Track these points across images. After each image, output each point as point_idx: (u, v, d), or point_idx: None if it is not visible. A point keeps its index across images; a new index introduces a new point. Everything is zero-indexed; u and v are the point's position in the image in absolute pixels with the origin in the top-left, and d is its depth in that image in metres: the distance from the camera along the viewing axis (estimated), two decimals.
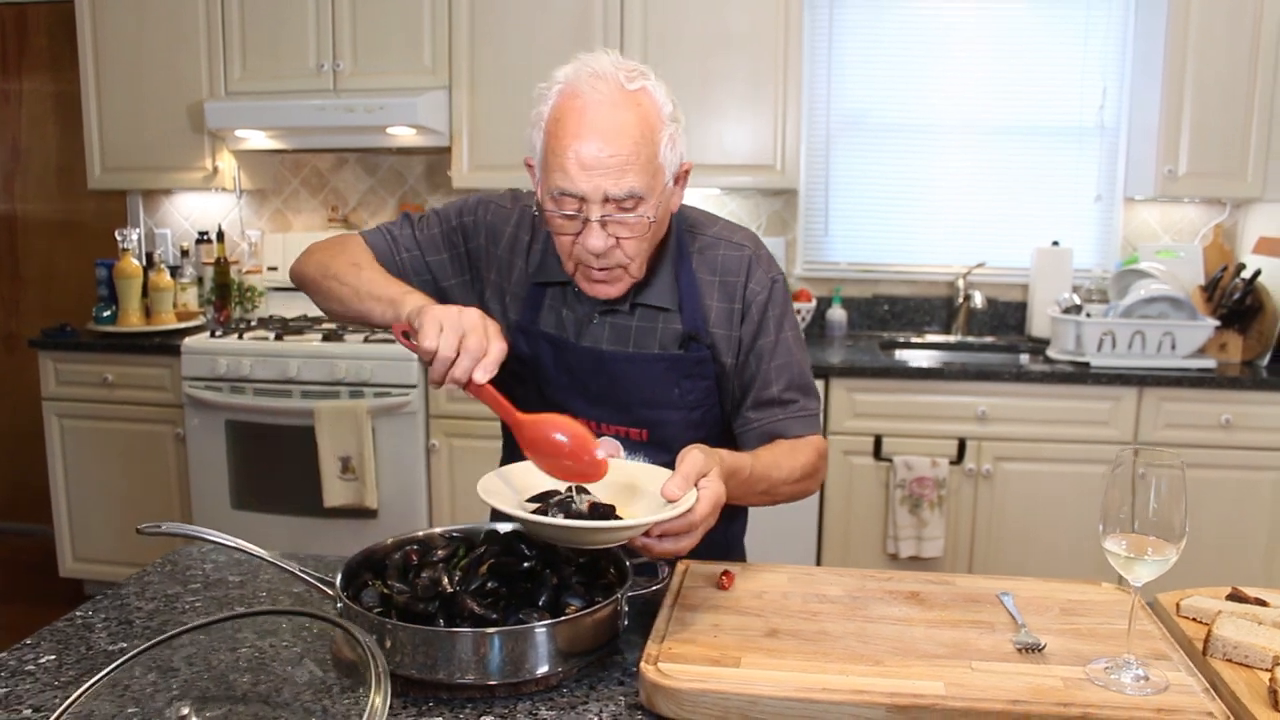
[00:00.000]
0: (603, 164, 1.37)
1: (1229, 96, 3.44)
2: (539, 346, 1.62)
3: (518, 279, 1.64)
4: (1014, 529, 3.39)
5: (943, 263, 4.03)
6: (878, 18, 3.94)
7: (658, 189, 1.43)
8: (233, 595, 1.50)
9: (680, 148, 1.46)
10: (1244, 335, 3.42)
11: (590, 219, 1.41)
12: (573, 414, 1.60)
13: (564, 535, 1.26)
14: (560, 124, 1.41)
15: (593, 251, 1.43)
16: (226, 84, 3.84)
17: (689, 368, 1.58)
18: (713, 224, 1.64)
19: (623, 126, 1.38)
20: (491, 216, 1.65)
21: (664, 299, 1.57)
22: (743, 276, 1.58)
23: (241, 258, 4.25)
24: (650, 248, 1.51)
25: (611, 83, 1.40)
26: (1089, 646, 1.20)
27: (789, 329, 1.61)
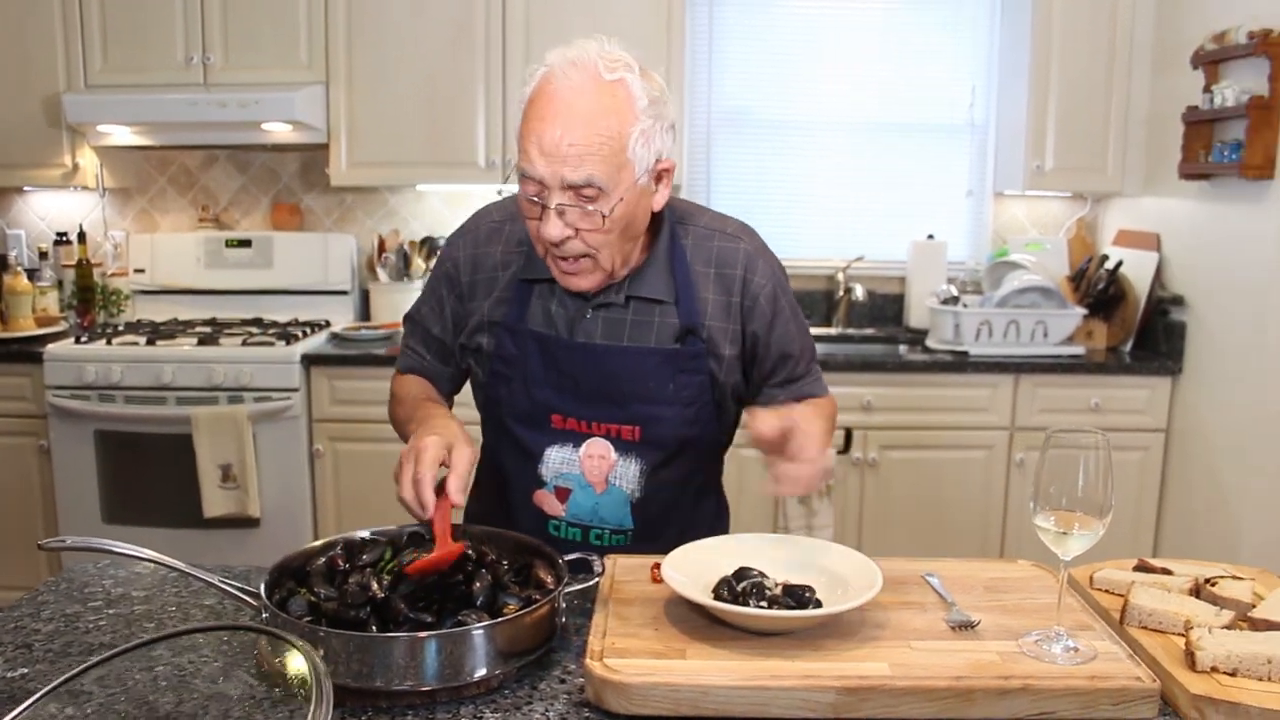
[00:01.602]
0: (561, 151, 1.35)
1: (1091, 96, 3.62)
2: (526, 345, 1.59)
3: (505, 283, 1.61)
4: (900, 515, 3.49)
5: (823, 257, 4.12)
6: (756, 17, 4.00)
7: (623, 184, 1.40)
8: (139, 612, 1.42)
9: (658, 145, 1.43)
10: (1108, 323, 3.60)
11: (548, 205, 1.39)
12: (562, 414, 1.60)
13: (774, 625, 1.21)
14: (531, 106, 1.40)
15: (547, 240, 1.42)
16: (86, 76, 3.64)
17: (685, 362, 1.57)
18: (702, 215, 1.64)
19: (589, 115, 1.36)
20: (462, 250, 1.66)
21: (659, 291, 1.56)
22: (741, 270, 1.58)
23: (105, 259, 4.05)
24: (625, 242, 1.49)
25: (588, 71, 1.38)
26: (1017, 621, 1.24)
27: (796, 311, 1.67)
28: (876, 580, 1.24)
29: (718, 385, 1.61)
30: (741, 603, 1.22)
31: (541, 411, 1.60)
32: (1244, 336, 3.10)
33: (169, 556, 1.30)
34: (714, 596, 1.25)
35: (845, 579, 1.29)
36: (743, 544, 1.39)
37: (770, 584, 1.25)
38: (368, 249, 4.08)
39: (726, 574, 1.29)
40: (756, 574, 1.28)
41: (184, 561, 1.30)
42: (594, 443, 1.59)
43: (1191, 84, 3.27)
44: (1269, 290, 2.98)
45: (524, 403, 1.60)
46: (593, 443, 1.59)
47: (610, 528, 1.62)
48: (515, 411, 1.62)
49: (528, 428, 1.61)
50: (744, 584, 1.25)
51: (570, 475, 1.60)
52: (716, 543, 1.40)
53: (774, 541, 1.41)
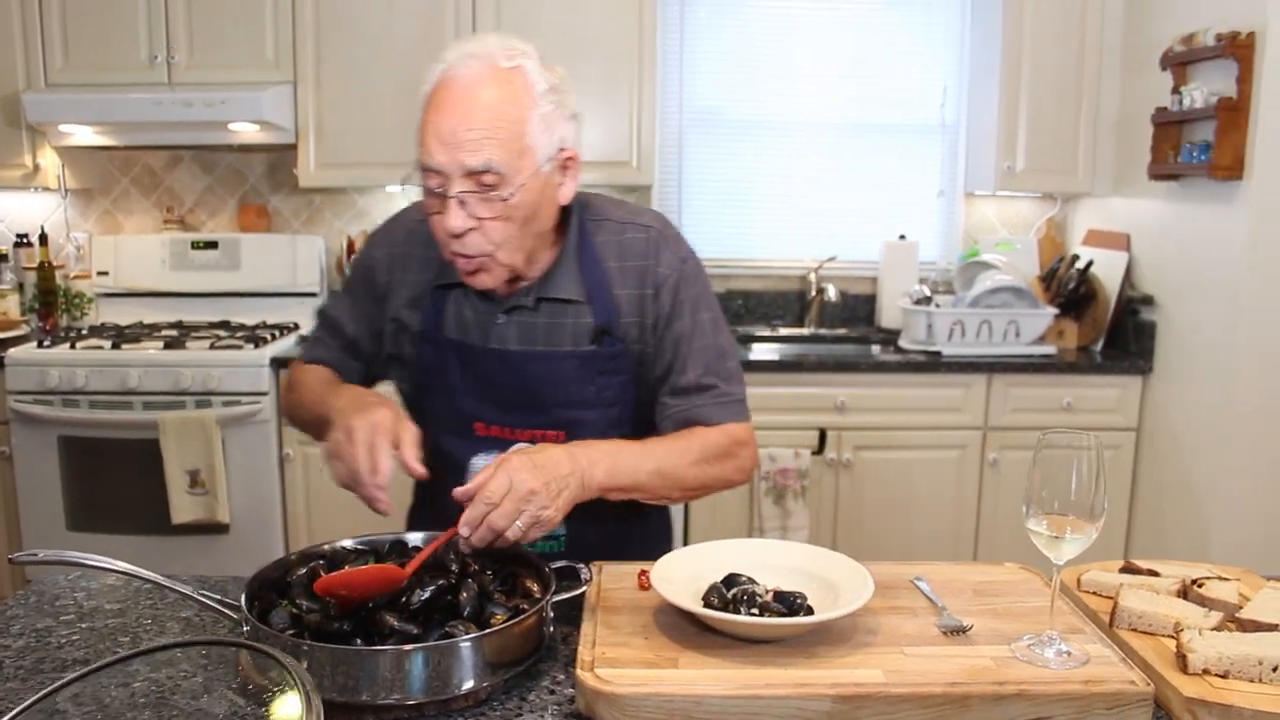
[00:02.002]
0: (459, 137, 1.34)
1: (1061, 97, 3.65)
2: (445, 354, 1.57)
3: (416, 291, 1.59)
4: (874, 515, 3.49)
5: (795, 257, 4.12)
6: (727, 16, 3.99)
7: (524, 170, 1.38)
8: (113, 625, 1.38)
9: (560, 132, 1.42)
10: (1079, 322, 3.63)
11: (449, 195, 1.37)
12: (484, 422, 1.57)
13: (767, 633, 1.19)
14: (429, 101, 1.39)
15: (450, 231, 1.39)
16: (47, 75, 3.57)
17: (603, 363, 1.54)
18: (617, 208, 1.60)
19: (485, 102, 1.35)
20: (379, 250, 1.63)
21: (570, 290, 1.52)
22: (650, 259, 1.54)
23: (68, 262, 3.97)
24: (529, 238, 1.45)
25: (485, 60, 1.38)
26: (1009, 625, 1.24)
27: (705, 310, 1.56)
28: (868, 586, 1.23)
29: (641, 384, 1.57)
30: (733, 610, 1.20)
31: (464, 420, 1.57)
32: (1213, 336, 3.13)
33: (137, 564, 1.27)
34: (704, 604, 1.23)
35: (835, 584, 1.28)
36: (729, 549, 1.38)
37: (761, 590, 1.24)
38: (337, 250, 4.03)
39: (715, 581, 1.27)
40: (746, 580, 1.26)
41: (153, 569, 1.27)
42: (519, 449, 1.54)
43: (1160, 85, 3.30)
44: (1238, 290, 3.01)
45: (447, 412, 1.58)
46: (518, 449, 1.53)
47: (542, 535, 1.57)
48: (440, 422, 1.58)
49: (453, 437, 1.58)
50: (734, 591, 1.23)
51: None
52: (703, 549, 1.39)
53: (761, 547, 1.39)
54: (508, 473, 1.27)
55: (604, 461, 1.37)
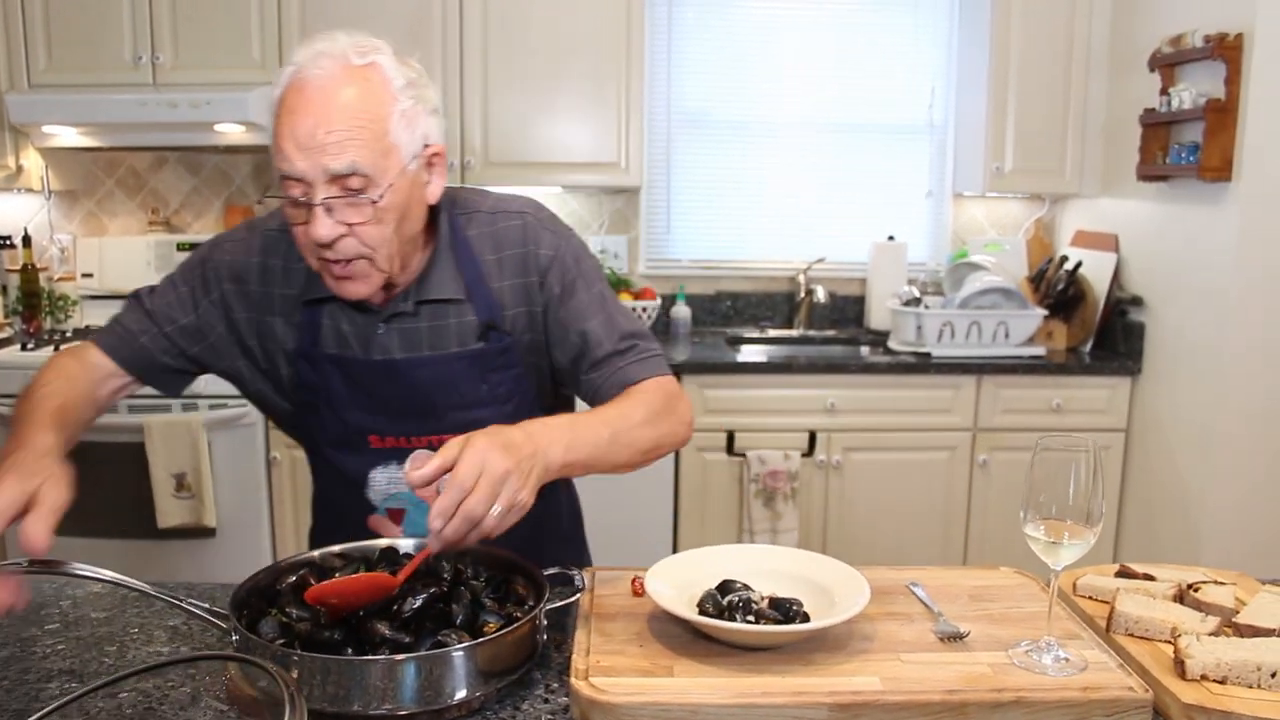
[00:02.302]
0: (318, 140, 1.27)
1: (1049, 99, 3.65)
2: (325, 370, 1.49)
3: (283, 306, 1.50)
4: (865, 517, 3.49)
5: (783, 258, 4.11)
6: (716, 17, 3.98)
7: (390, 169, 1.32)
8: (100, 634, 1.36)
9: (423, 128, 1.37)
10: (1068, 323, 3.63)
11: (314, 203, 1.30)
12: (378, 434, 1.51)
13: (763, 641, 1.18)
14: (282, 105, 1.31)
15: (318, 240, 1.31)
16: (30, 75, 3.54)
17: (493, 359, 1.49)
18: (485, 199, 1.54)
19: (343, 102, 1.29)
20: (229, 255, 1.52)
21: (449, 290, 1.46)
22: (529, 246, 1.49)
23: (51, 264, 3.94)
24: (402, 240, 1.39)
25: (337, 59, 1.31)
26: (1006, 631, 1.23)
27: (597, 284, 1.52)
28: (864, 592, 1.22)
29: (537, 375, 1.54)
30: (728, 617, 1.19)
31: (357, 435, 1.51)
32: (1202, 337, 3.13)
33: (123, 569, 1.26)
34: (699, 611, 1.22)
35: (830, 590, 1.27)
36: (723, 555, 1.37)
37: (756, 597, 1.23)
38: None
39: (710, 587, 1.26)
40: (741, 587, 1.25)
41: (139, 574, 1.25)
42: (419, 456, 1.50)
43: (1149, 87, 3.30)
44: (1226, 291, 3.01)
45: (336, 428, 1.52)
46: (417, 457, 1.50)
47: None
48: (330, 438, 1.54)
49: (346, 453, 1.53)
50: (729, 598, 1.22)
51: (401, 494, 1.53)
52: (697, 555, 1.37)
53: (755, 552, 1.38)
54: (478, 454, 1.16)
55: (561, 438, 1.28)
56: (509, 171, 3.64)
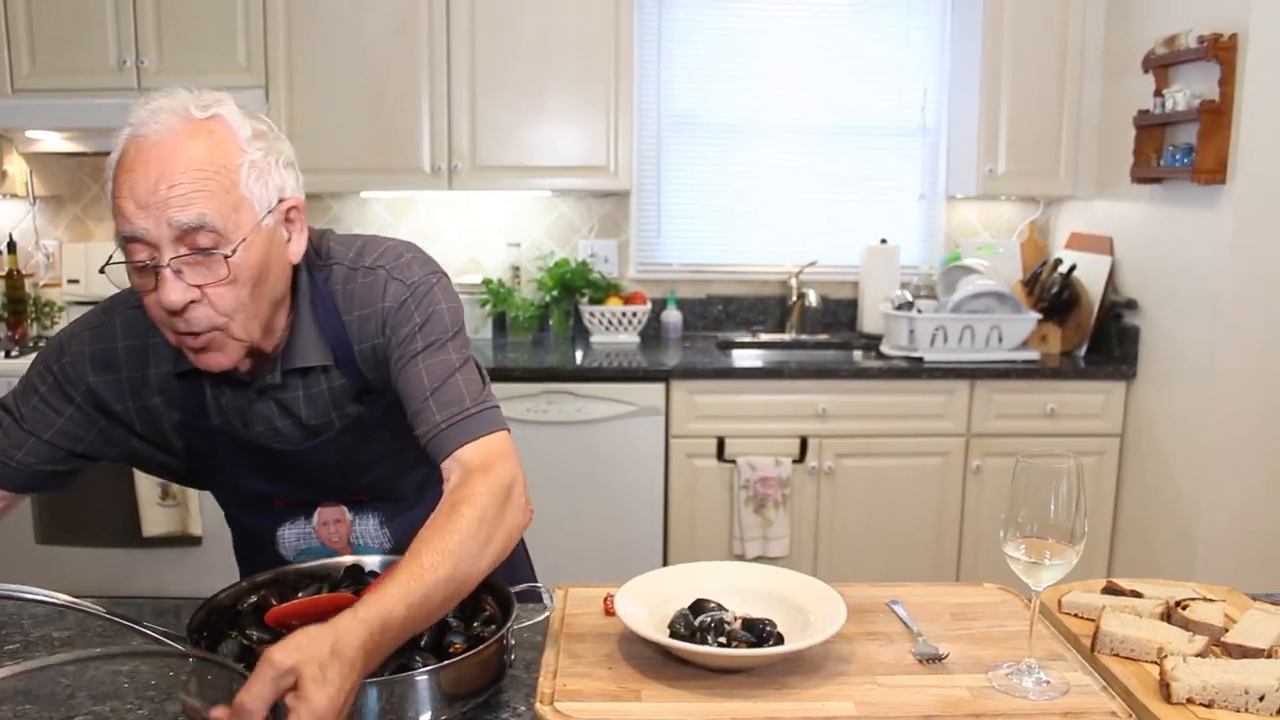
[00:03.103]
0: (160, 196, 1.17)
1: (1042, 100, 3.61)
2: (216, 442, 1.41)
3: (159, 383, 1.40)
4: (857, 524, 3.45)
5: (775, 262, 4.08)
6: (705, 19, 3.95)
7: (244, 224, 1.22)
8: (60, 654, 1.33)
9: (277, 180, 1.27)
10: (1062, 327, 3.59)
11: (161, 266, 1.18)
12: (281, 499, 1.46)
13: (734, 664, 1.15)
14: (119, 164, 1.21)
15: (169, 307, 1.19)
16: (13, 80, 3.50)
17: (375, 421, 1.41)
18: (347, 250, 1.41)
19: (186, 155, 1.19)
20: (89, 345, 1.40)
21: (314, 356, 1.36)
22: (380, 302, 1.36)
23: (37, 270, 3.90)
24: (262, 304, 1.28)
25: (178, 114, 1.22)
26: (987, 651, 1.19)
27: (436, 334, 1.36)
28: (839, 612, 1.18)
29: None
30: (699, 639, 1.16)
31: (259, 497, 1.47)
32: (1197, 340, 3.10)
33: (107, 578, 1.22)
34: (670, 632, 1.18)
35: (806, 610, 1.23)
36: (699, 573, 1.33)
37: (729, 618, 1.19)
38: None
39: (683, 607, 1.23)
40: (714, 607, 1.22)
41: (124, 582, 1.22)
42: (325, 510, 1.47)
43: (1142, 88, 3.27)
44: (1221, 294, 2.98)
45: (237, 493, 1.47)
46: (324, 511, 1.47)
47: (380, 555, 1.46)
48: (232, 499, 1.49)
49: (252, 514, 1.49)
50: (701, 618, 1.18)
51: (312, 549, 1.49)
52: (672, 572, 1.34)
53: (731, 570, 1.35)
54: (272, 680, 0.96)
55: (394, 640, 1.07)
56: (496, 175, 3.60)
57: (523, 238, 3.98)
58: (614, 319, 3.81)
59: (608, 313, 3.81)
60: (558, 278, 3.83)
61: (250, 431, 1.40)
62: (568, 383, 3.35)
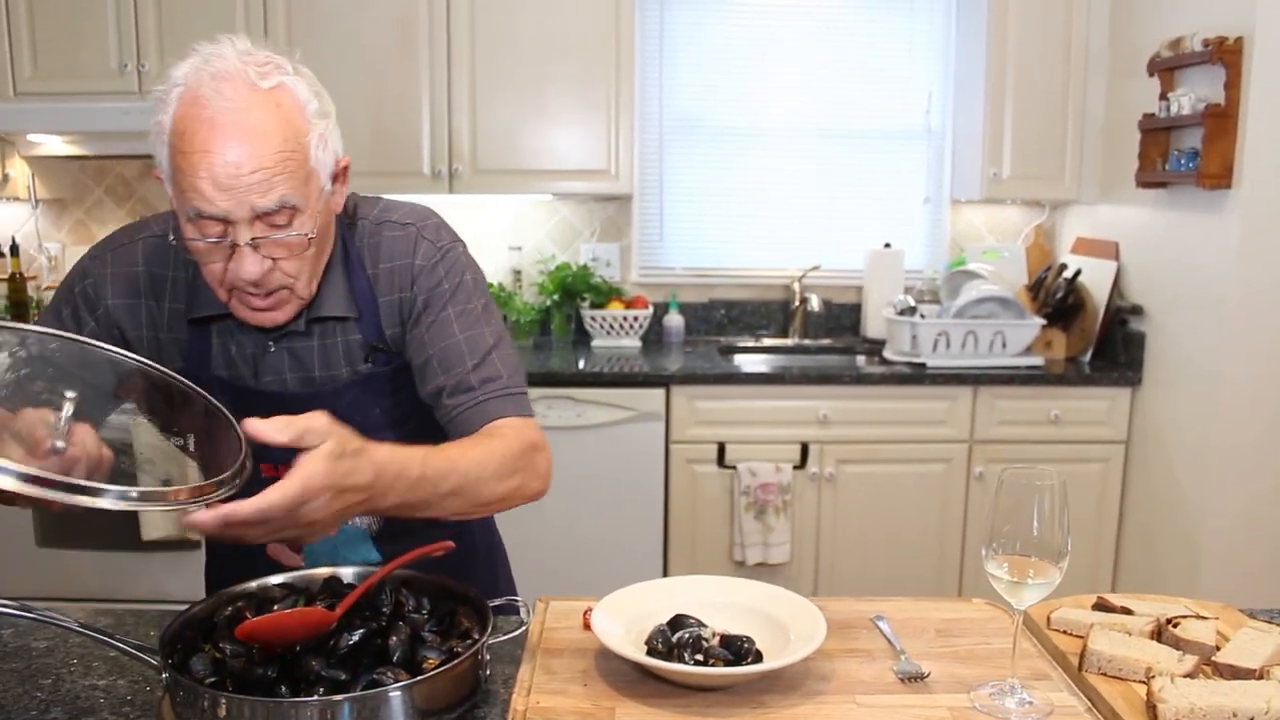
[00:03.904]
0: (244, 179, 1.19)
1: (1047, 104, 3.58)
2: (214, 394, 1.37)
3: (170, 322, 1.40)
4: (858, 530, 3.43)
5: (778, 266, 4.05)
6: (708, 21, 3.92)
7: (313, 196, 1.26)
8: (37, 667, 1.32)
9: (334, 144, 1.30)
10: (1067, 333, 3.56)
11: (240, 243, 1.21)
12: (271, 463, 1.38)
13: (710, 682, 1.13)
14: (185, 137, 1.20)
15: (248, 280, 1.24)
16: (15, 84, 3.50)
17: (383, 383, 1.42)
18: (372, 207, 1.45)
19: (262, 133, 1.20)
20: (112, 266, 1.40)
21: (340, 307, 1.38)
22: (409, 258, 1.40)
23: (40, 273, 3.91)
24: (320, 261, 1.33)
25: (240, 82, 1.22)
26: (970, 670, 1.17)
27: (473, 300, 1.41)
28: (819, 630, 1.16)
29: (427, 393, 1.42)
30: (676, 656, 1.14)
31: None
32: (1203, 346, 3.06)
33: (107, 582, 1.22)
34: (648, 648, 1.16)
35: (787, 626, 1.21)
36: (680, 587, 1.31)
37: (708, 634, 1.17)
38: None
39: (662, 622, 1.21)
40: (694, 623, 1.20)
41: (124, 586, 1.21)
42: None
43: (1148, 91, 3.23)
44: (1227, 300, 2.94)
45: None
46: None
47: (356, 566, 1.42)
48: None
49: None
50: (679, 634, 1.16)
51: None
52: (652, 586, 1.32)
53: (712, 584, 1.33)
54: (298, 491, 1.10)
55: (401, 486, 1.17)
56: (498, 179, 3.59)
57: (524, 241, 3.97)
58: (615, 323, 3.79)
59: (609, 317, 3.79)
60: (559, 281, 3.82)
61: (258, 383, 1.41)
62: (567, 387, 3.33)
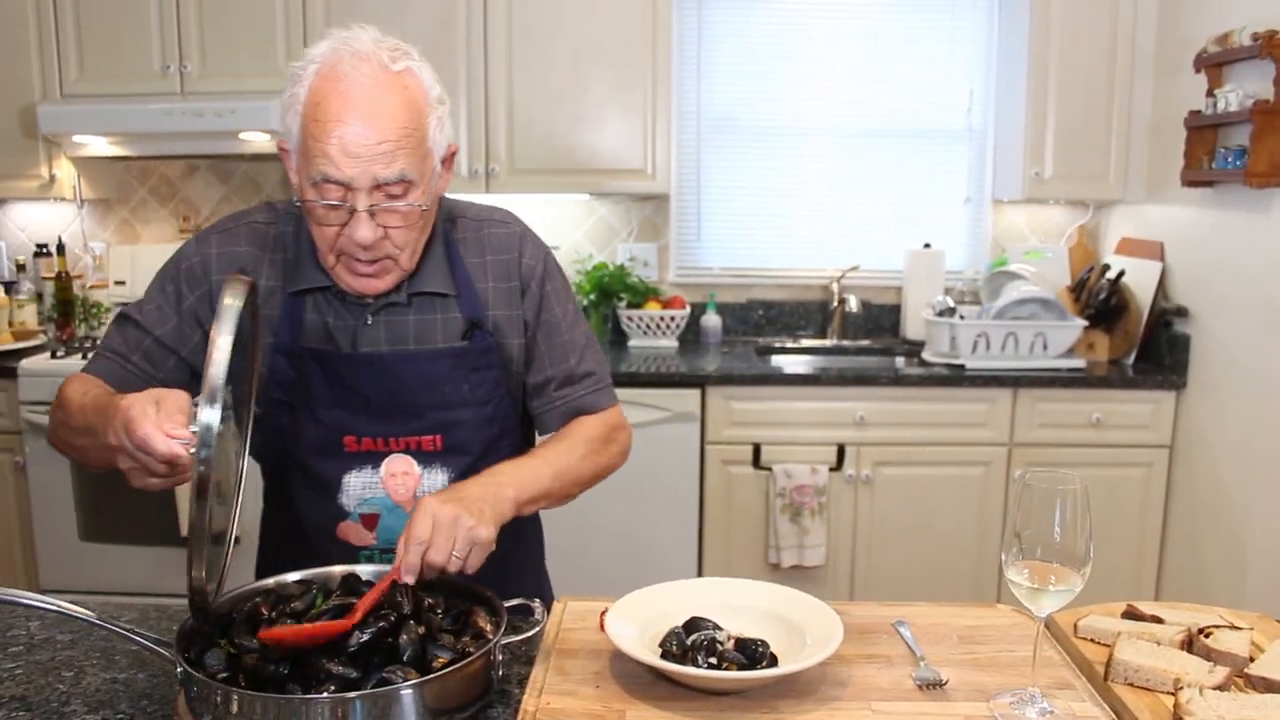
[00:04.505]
0: (370, 149, 1.30)
1: (1090, 102, 3.51)
2: (305, 367, 1.47)
3: (265, 298, 1.47)
4: (895, 534, 3.39)
5: (816, 266, 4.02)
6: (747, 20, 3.90)
7: (426, 174, 1.37)
8: (60, 659, 1.34)
9: (448, 130, 1.41)
10: (1110, 334, 3.49)
11: (358, 208, 1.32)
12: (354, 435, 1.49)
13: (723, 686, 1.12)
14: (320, 107, 1.30)
15: (361, 244, 1.34)
16: (62, 86, 3.57)
17: (476, 359, 1.49)
18: (469, 206, 1.58)
19: (390, 109, 1.31)
20: (217, 247, 1.49)
21: (441, 284, 1.48)
22: (515, 253, 1.53)
23: (85, 272, 3.97)
24: (422, 236, 1.44)
25: (374, 63, 1.33)
26: (991, 678, 1.14)
27: (569, 302, 1.58)
28: (835, 635, 1.14)
29: (512, 378, 1.54)
30: (690, 659, 1.12)
31: (333, 436, 1.49)
32: (1250, 349, 2.98)
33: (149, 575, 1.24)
34: (662, 650, 1.15)
35: (804, 630, 1.19)
36: (699, 589, 1.30)
37: (722, 637, 1.15)
38: None
39: (678, 624, 1.19)
40: (709, 626, 1.18)
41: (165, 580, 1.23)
42: (395, 460, 1.49)
43: (1194, 88, 3.16)
44: (1275, 301, 2.86)
45: (312, 430, 1.49)
46: (393, 460, 1.49)
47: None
48: (303, 441, 1.50)
49: (320, 457, 1.50)
50: (694, 637, 1.15)
51: (375, 499, 1.50)
52: (670, 589, 1.30)
53: (730, 586, 1.31)
54: (426, 512, 1.23)
55: (510, 481, 1.35)
56: (534, 179, 3.59)
57: (561, 241, 3.97)
58: (652, 323, 3.78)
59: (646, 317, 3.78)
60: (596, 281, 3.81)
61: (354, 351, 1.47)
62: None
